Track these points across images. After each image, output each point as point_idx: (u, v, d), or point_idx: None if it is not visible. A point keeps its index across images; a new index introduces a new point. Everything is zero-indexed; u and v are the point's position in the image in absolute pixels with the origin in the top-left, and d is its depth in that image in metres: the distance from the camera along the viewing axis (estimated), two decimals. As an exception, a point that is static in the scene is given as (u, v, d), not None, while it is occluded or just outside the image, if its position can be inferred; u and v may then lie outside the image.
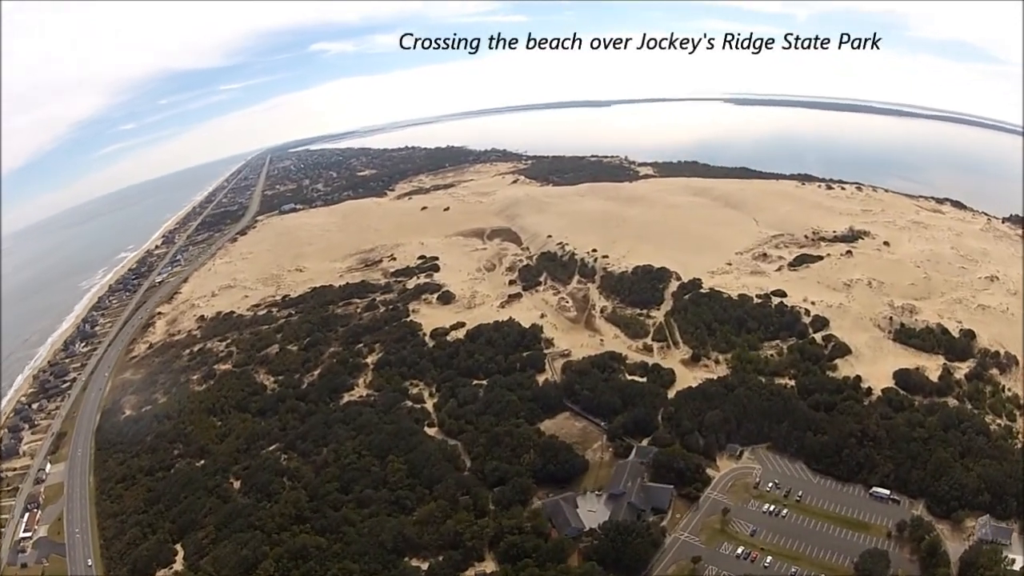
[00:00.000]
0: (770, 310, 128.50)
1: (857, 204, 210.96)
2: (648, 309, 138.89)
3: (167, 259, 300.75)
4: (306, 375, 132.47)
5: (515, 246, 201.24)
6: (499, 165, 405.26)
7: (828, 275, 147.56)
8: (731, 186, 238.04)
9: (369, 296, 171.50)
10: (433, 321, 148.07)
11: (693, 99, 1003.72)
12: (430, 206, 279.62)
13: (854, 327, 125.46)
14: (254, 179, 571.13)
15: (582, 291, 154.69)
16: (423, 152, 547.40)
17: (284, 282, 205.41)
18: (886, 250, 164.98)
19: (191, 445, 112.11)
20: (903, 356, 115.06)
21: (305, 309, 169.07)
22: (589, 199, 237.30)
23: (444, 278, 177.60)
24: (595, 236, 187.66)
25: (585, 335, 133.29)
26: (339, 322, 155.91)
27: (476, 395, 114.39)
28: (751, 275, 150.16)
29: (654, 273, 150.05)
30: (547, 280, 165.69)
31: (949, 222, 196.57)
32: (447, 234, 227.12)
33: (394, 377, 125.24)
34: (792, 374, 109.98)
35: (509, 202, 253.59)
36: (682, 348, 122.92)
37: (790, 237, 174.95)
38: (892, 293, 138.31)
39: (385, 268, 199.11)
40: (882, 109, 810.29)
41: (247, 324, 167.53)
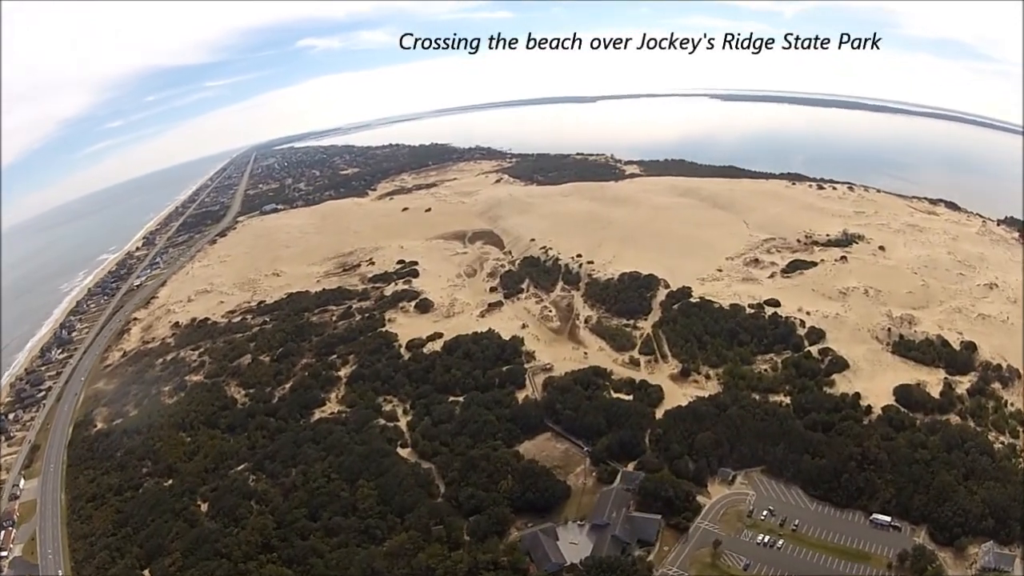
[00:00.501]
0: (763, 321, 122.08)
1: (849, 205, 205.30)
2: (635, 319, 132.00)
3: (146, 262, 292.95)
4: (277, 388, 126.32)
5: (497, 250, 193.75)
6: (483, 164, 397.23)
7: (823, 283, 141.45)
8: (719, 186, 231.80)
9: (345, 303, 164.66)
10: (410, 331, 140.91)
11: (679, 95, 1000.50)
12: (411, 207, 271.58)
13: (851, 339, 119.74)
14: (238, 178, 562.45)
15: (566, 299, 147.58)
16: (407, 150, 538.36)
17: (260, 287, 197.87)
18: (881, 255, 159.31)
19: (159, 463, 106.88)
20: (903, 370, 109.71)
21: (280, 316, 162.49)
22: (574, 200, 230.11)
23: (423, 284, 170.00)
24: (580, 239, 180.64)
25: (568, 347, 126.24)
26: (314, 331, 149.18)
27: (452, 413, 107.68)
28: (743, 282, 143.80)
29: (641, 280, 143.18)
30: (530, 287, 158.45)
31: (944, 225, 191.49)
32: (428, 237, 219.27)
33: (367, 393, 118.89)
34: (787, 391, 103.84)
35: (492, 203, 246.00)
36: (671, 362, 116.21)
37: (782, 241, 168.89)
38: (890, 302, 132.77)
39: (363, 273, 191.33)
40: (872, 106, 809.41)
41: (221, 332, 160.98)
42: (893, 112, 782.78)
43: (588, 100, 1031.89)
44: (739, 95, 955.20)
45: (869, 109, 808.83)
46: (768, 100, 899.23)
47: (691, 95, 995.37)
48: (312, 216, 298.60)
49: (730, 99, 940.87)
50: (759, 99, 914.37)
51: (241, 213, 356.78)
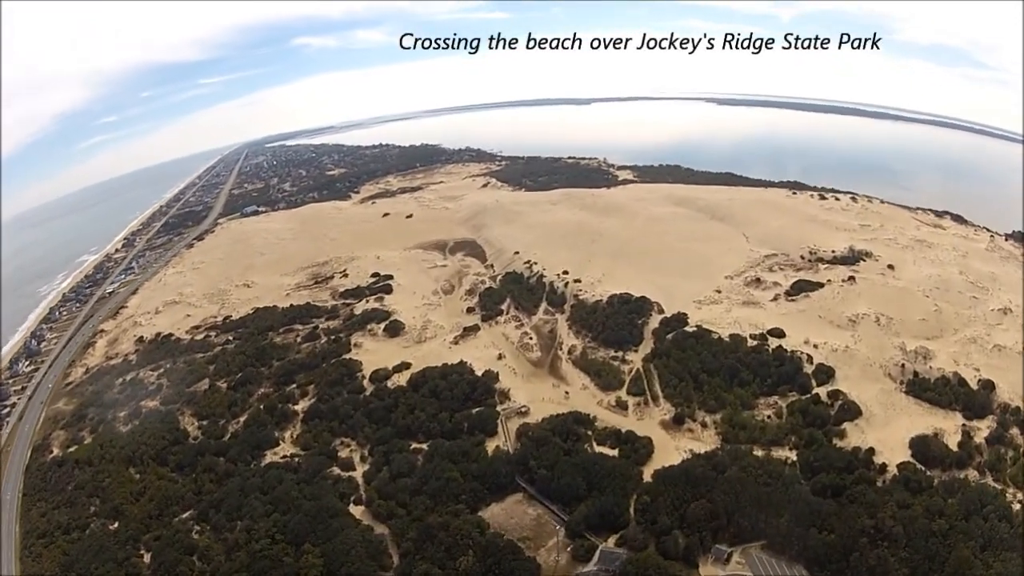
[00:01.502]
0: (767, 356, 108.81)
1: (854, 218, 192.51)
2: (624, 351, 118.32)
3: (122, 266, 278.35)
4: (231, 421, 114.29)
5: (478, 263, 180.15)
6: (471, 166, 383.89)
7: (831, 307, 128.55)
8: (717, 195, 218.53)
9: (312, 322, 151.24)
10: (376, 359, 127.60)
11: (674, 98, 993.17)
12: (392, 212, 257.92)
13: (863, 376, 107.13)
14: (226, 176, 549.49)
15: (549, 324, 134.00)
16: (396, 151, 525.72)
17: (229, 299, 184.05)
18: (891, 275, 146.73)
19: (107, 502, 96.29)
20: (918, 414, 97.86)
21: (244, 335, 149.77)
22: (563, 208, 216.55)
23: (396, 302, 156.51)
24: (567, 253, 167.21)
25: (549, 384, 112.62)
26: (276, 354, 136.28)
27: (413, 465, 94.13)
28: (744, 306, 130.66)
29: (632, 304, 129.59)
30: (510, 308, 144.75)
31: (952, 240, 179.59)
32: (407, 246, 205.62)
33: (323, 434, 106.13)
34: (793, 443, 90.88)
35: (477, 209, 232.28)
36: (663, 405, 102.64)
37: (785, 257, 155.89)
38: (902, 331, 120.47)
39: (335, 287, 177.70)
40: (869, 112, 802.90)
41: (183, 351, 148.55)
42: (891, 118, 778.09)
43: (582, 102, 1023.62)
44: (735, 99, 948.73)
45: (866, 115, 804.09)
46: (764, 105, 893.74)
47: (686, 99, 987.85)
48: (291, 220, 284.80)
49: (726, 103, 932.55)
50: (755, 103, 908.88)
51: (223, 214, 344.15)
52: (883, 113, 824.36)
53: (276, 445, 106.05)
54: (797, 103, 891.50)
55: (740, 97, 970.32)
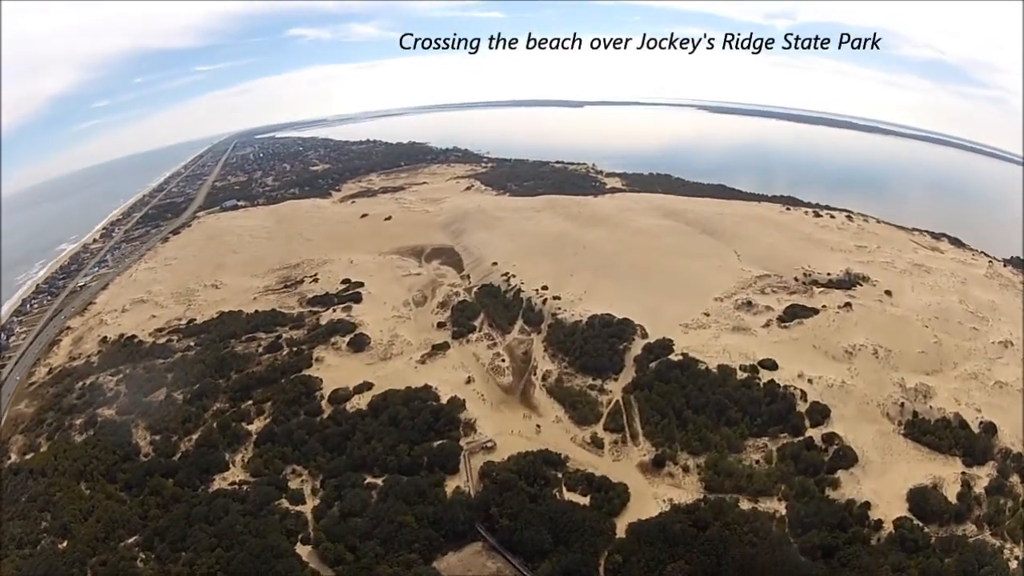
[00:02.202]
0: (758, 392, 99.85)
1: (850, 237, 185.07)
2: (603, 379, 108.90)
3: (97, 258, 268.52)
4: (183, 439, 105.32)
5: (454, 272, 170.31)
6: (456, 167, 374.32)
7: (826, 336, 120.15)
8: (707, 208, 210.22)
9: (276, 331, 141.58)
10: (337, 376, 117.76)
11: (666, 104, 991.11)
12: (371, 213, 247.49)
13: (860, 416, 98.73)
14: (212, 167, 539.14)
15: (524, 345, 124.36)
16: (382, 148, 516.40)
17: (196, 300, 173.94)
18: (889, 302, 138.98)
19: (57, 519, 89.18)
20: (916, 460, 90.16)
21: (206, 341, 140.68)
22: (546, 216, 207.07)
23: (364, 312, 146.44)
24: (548, 266, 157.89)
25: (519, 415, 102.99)
26: (236, 364, 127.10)
27: (366, 503, 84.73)
28: (733, 332, 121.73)
29: (614, 327, 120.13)
30: (483, 325, 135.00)
31: (951, 265, 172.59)
32: (382, 251, 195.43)
33: (274, 460, 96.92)
34: (783, 494, 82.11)
35: (457, 214, 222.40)
36: (642, 445, 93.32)
37: (778, 279, 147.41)
38: (901, 365, 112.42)
39: (303, 292, 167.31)
40: (861, 126, 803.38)
41: (144, 355, 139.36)
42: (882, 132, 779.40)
43: (574, 104, 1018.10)
44: (727, 107, 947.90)
45: (858, 128, 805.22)
46: (756, 114, 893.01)
47: (679, 105, 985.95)
48: (268, 217, 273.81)
49: (718, 111, 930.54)
50: (747, 113, 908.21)
51: (203, 207, 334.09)
52: (874, 127, 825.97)
53: (226, 469, 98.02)
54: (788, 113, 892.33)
55: (732, 105, 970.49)
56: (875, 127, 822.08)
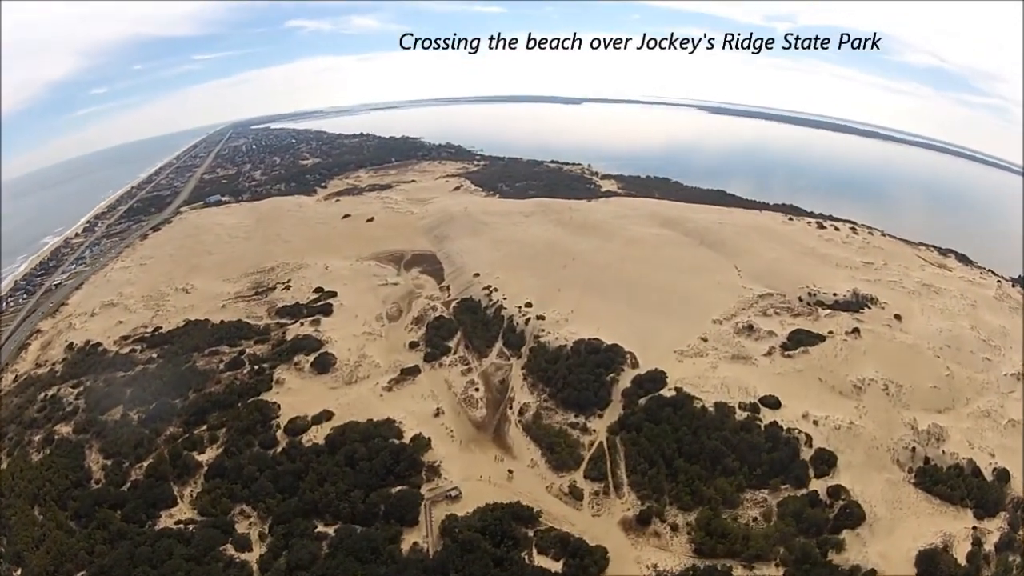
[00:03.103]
0: (758, 435, 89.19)
1: (855, 252, 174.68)
2: (587, 415, 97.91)
3: (76, 254, 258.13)
4: (135, 466, 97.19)
5: (434, 283, 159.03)
6: (447, 165, 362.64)
7: (833, 368, 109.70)
8: (707, 216, 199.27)
9: (240, 345, 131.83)
10: (297, 402, 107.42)
11: (665, 103, 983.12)
12: (354, 214, 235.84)
13: (868, 463, 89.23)
14: (203, 158, 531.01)
15: (501, 372, 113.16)
16: (375, 142, 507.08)
17: (165, 306, 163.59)
18: (898, 327, 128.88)
19: (12, 545, 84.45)
20: (926, 514, 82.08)
21: (168, 353, 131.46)
22: (536, 222, 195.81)
23: (333, 327, 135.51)
24: (533, 279, 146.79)
25: (490, 456, 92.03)
26: (195, 381, 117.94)
27: (315, 556, 75.06)
28: (733, 361, 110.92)
29: (602, 354, 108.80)
30: (459, 346, 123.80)
31: (960, 285, 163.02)
32: (360, 255, 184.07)
33: (223, 499, 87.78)
34: (782, 558, 72.16)
35: (443, 217, 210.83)
36: (626, 497, 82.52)
37: (781, 299, 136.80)
38: (912, 402, 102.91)
39: (273, 301, 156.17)
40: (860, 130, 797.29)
41: (106, 366, 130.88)
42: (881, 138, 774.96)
43: (573, 101, 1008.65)
44: (726, 108, 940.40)
45: (858, 133, 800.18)
46: (755, 116, 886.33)
47: (678, 104, 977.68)
48: (249, 215, 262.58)
49: (717, 112, 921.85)
50: (746, 114, 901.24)
51: (187, 202, 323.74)
52: (874, 132, 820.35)
53: (174, 504, 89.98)
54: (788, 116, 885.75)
55: (731, 106, 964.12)
56: (874, 132, 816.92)
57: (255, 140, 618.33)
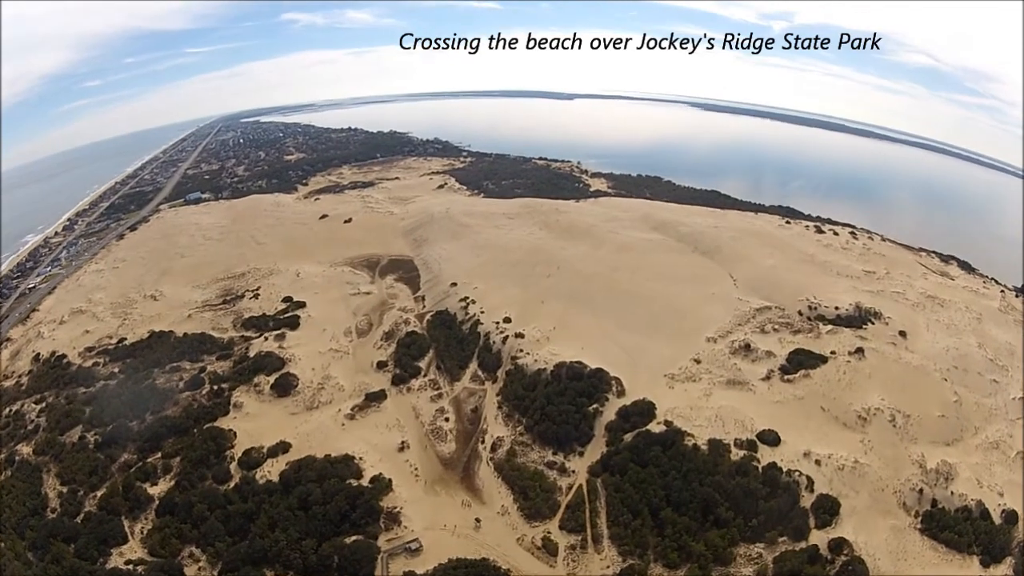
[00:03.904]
0: (755, 479, 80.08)
1: (856, 259, 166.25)
2: (566, 453, 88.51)
3: (52, 256, 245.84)
4: (89, 495, 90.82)
5: (408, 292, 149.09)
6: (432, 162, 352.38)
7: (836, 395, 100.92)
8: (701, 220, 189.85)
9: (202, 361, 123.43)
10: (254, 429, 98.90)
11: (657, 99, 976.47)
12: (332, 214, 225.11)
13: (873, 507, 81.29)
14: (189, 152, 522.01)
15: (474, 398, 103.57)
16: (362, 137, 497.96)
17: (132, 314, 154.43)
18: (903, 346, 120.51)
19: None
20: (932, 564, 75.42)
21: (130, 368, 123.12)
22: (520, 224, 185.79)
23: (298, 343, 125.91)
24: (514, 290, 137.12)
25: (457, 500, 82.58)
26: (153, 401, 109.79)
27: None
28: (728, 387, 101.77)
29: (584, 381, 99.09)
30: (431, 366, 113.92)
31: (964, 296, 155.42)
32: (335, 260, 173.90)
33: (172, 540, 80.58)
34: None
35: (423, 218, 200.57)
36: (605, 552, 73.26)
37: (780, 313, 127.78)
38: (920, 434, 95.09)
39: (240, 311, 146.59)
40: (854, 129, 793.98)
41: (69, 381, 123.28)
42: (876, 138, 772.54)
43: (566, 97, 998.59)
44: (718, 105, 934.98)
45: (851, 132, 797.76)
46: (747, 113, 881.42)
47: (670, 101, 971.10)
48: (226, 214, 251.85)
49: (710, 109, 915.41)
50: (738, 111, 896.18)
51: (168, 199, 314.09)
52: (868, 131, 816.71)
53: (124, 542, 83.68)
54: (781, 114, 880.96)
55: (724, 103, 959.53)
56: (868, 131, 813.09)
57: (243, 134, 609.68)
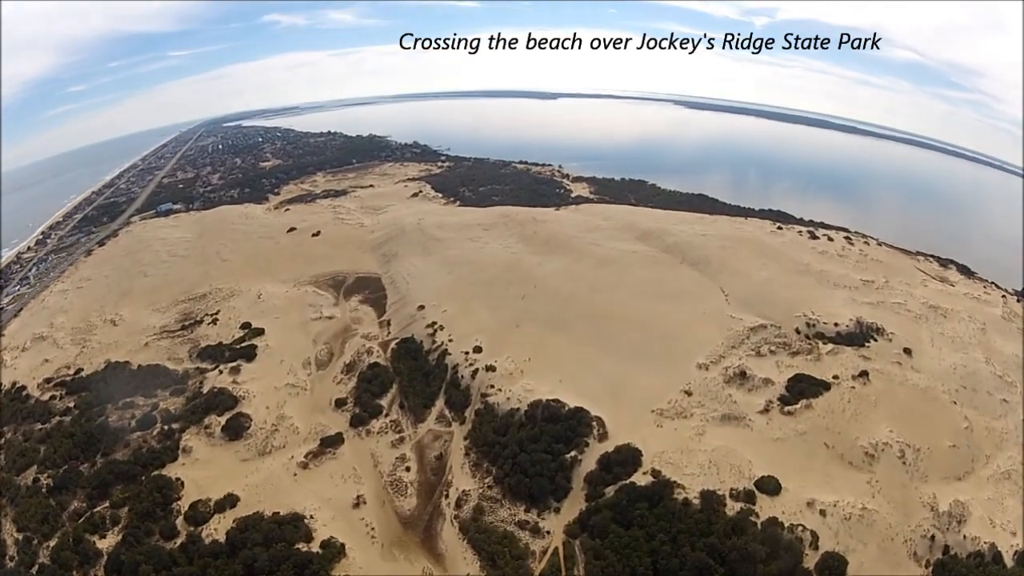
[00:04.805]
0: (754, 538, 69.87)
1: (853, 267, 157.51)
2: (540, 510, 77.87)
3: (22, 273, 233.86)
4: (43, 544, 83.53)
5: (374, 315, 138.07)
6: (409, 167, 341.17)
7: (841, 428, 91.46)
8: (689, 228, 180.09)
9: (155, 397, 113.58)
10: (203, 478, 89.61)
11: (641, 98, 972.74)
12: (300, 226, 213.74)
13: (881, 559, 72.26)
14: (169, 158, 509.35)
15: (440, 443, 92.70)
16: (340, 141, 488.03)
17: (91, 341, 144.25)
18: (908, 365, 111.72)
19: None
20: None
21: (83, 403, 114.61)
22: (496, 236, 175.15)
23: (254, 376, 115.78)
24: (486, 312, 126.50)
25: (418, 568, 71.98)
26: (104, 442, 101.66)
27: None
28: (723, 423, 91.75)
29: (562, 423, 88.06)
30: (393, 404, 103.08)
31: (966, 303, 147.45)
32: (299, 279, 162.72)
33: None
34: None
35: (393, 231, 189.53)
36: (587, 638, 62.82)
37: (776, 331, 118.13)
38: (931, 470, 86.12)
39: (197, 339, 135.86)
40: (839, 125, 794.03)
41: (27, 415, 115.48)
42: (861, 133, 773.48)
43: (549, 96, 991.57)
44: (703, 103, 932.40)
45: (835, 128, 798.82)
46: (732, 111, 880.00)
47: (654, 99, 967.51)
48: (194, 228, 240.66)
49: (694, 106, 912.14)
50: (723, 109, 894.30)
51: (140, 210, 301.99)
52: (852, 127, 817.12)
53: None
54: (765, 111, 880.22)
55: (708, 101, 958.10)
56: (853, 127, 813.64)
57: (223, 139, 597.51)
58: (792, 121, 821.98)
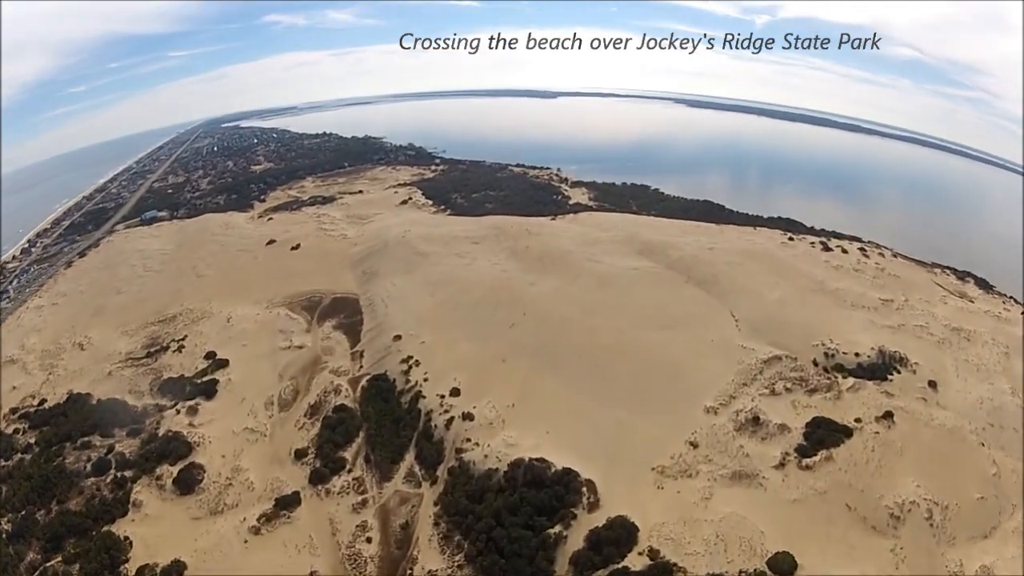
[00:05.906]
0: (774, 644, 58.47)
1: (870, 283, 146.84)
2: (520, 600, 66.57)
3: (3, 286, 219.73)
4: None
5: (347, 344, 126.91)
6: (401, 171, 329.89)
7: (864, 485, 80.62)
8: (695, 240, 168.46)
9: (112, 437, 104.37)
10: (151, 537, 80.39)
11: (642, 96, 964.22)
12: (281, 238, 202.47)
13: None
14: (162, 162, 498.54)
15: (407, 507, 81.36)
16: (334, 143, 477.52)
17: (58, 367, 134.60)
18: (934, 401, 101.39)
19: None
20: None
21: (44, 439, 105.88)
22: (486, 250, 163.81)
23: (212, 416, 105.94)
24: (469, 344, 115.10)
25: None
26: (60, 487, 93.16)
27: None
28: (732, 483, 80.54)
29: (547, 488, 76.29)
30: (358, 457, 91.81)
31: (987, 322, 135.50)
32: (272, 300, 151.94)
33: None
34: None
35: (376, 244, 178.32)
36: None
37: (791, 364, 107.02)
38: (958, 529, 75.60)
39: (161, 369, 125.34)
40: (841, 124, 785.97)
41: None
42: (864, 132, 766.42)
43: (548, 95, 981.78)
44: (704, 102, 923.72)
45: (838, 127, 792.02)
46: (731, 109, 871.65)
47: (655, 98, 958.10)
48: (174, 238, 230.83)
49: (695, 105, 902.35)
50: (722, 107, 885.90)
51: (126, 218, 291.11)
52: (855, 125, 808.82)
53: None
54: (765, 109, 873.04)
55: (708, 99, 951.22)
56: (854, 125, 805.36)
57: (219, 141, 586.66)
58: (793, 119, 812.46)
